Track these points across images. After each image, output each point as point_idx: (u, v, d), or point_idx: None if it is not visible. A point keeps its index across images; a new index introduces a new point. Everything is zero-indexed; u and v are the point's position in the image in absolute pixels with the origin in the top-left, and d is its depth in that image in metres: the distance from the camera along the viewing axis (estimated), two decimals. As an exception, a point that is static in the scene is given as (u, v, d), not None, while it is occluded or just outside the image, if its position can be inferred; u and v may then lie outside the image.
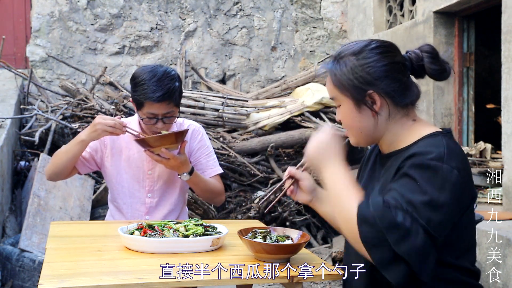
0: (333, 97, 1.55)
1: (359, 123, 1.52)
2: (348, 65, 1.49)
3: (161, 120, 2.27)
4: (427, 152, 1.39)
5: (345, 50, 1.52)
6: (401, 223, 1.30)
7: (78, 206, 4.29)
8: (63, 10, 6.06)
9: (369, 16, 5.98)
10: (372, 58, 1.47)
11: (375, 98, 1.48)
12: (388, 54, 1.50)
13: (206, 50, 6.38)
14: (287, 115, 5.37)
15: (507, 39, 3.91)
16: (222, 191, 2.51)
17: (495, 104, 4.87)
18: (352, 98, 1.49)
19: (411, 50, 1.55)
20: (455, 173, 1.37)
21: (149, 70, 2.26)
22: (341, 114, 1.55)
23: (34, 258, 3.64)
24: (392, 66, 1.48)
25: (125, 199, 2.42)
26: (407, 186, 1.36)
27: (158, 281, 1.46)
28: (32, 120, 5.11)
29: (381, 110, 1.50)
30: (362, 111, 1.50)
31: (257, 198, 4.88)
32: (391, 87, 1.48)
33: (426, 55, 1.53)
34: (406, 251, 1.29)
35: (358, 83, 1.47)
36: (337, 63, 1.51)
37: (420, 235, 1.31)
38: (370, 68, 1.47)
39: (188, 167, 2.29)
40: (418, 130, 1.52)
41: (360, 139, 1.56)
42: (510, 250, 3.05)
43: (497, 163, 4.17)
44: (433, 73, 1.55)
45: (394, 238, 1.30)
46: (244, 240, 1.69)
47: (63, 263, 1.64)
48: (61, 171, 2.35)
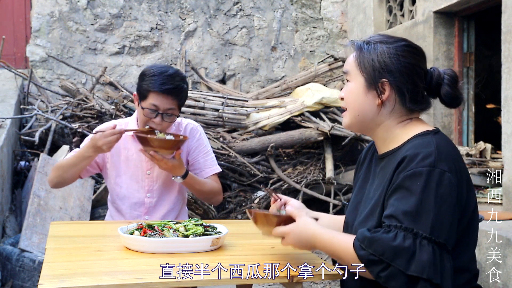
0: (347, 71, 1.57)
1: (360, 105, 1.53)
2: (377, 49, 1.52)
3: (161, 115, 2.28)
4: (417, 156, 1.40)
5: (377, 38, 1.56)
6: (402, 245, 1.32)
7: (78, 206, 4.29)
8: (63, 10, 6.06)
9: (369, 16, 5.98)
10: (400, 52, 1.50)
11: (386, 88, 1.50)
12: (416, 56, 1.53)
13: (206, 50, 6.38)
14: (287, 115, 5.37)
15: (507, 39, 3.91)
16: (219, 191, 2.51)
17: (495, 104, 4.87)
18: (366, 78, 1.51)
19: (436, 67, 1.57)
20: (447, 176, 1.38)
21: (161, 66, 2.32)
22: (348, 90, 1.57)
23: (34, 258, 3.64)
24: (415, 68, 1.51)
25: (124, 199, 2.42)
26: (404, 199, 1.38)
27: (158, 281, 1.46)
28: (32, 120, 5.11)
29: (386, 102, 1.51)
30: (369, 94, 1.52)
31: (257, 198, 4.88)
32: (405, 86, 1.50)
33: (447, 77, 1.54)
34: (418, 270, 1.31)
35: (378, 66, 1.50)
36: (367, 44, 1.54)
37: (425, 248, 1.32)
38: (395, 59, 1.49)
39: (182, 171, 2.30)
40: (409, 129, 1.52)
41: (354, 122, 1.58)
42: (510, 250, 3.05)
43: (497, 163, 4.17)
44: (447, 96, 1.55)
45: (402, 263, 1.32)
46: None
47: (63, 263, 1.64)
48: (66, 181, 2.40)
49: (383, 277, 1.34)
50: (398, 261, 1.32)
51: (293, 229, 1.56)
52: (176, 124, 2.47)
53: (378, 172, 1.56)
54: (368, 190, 1.58)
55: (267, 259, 1.68)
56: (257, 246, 1.98)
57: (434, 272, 1.31)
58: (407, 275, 1.31)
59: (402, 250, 1.32)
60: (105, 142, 2.21)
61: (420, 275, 1.30)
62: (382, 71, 1.49)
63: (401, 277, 1.32)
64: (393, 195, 1.41)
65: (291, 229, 1.56)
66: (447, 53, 4.81)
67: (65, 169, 2.34)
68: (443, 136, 1.51)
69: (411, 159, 1.40)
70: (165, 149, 2.22)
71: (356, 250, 1.39)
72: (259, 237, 2.15)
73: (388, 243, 1.33)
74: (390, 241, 1.33)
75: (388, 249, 1.33)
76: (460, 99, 1.56)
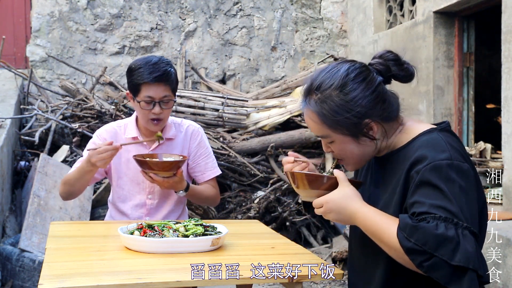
0: (323, 136, 1.50)
1: (359, 151, 1.50)
2: (336, 102, 1.44)
3: (158, 104, 2.28)
4: (432, 151, 1.38)
5: (322, 86, 1.46)
6: (446, 234, 1.28)
7: (78, 206, 4.29)
8: (63, 10, 6.06)
9: (369, 16, 5.98)
10: (359, 89, 1.44)
11: (372, 125, 1.46)
12: (368, 78, 1.47)
13: (206, 50, 6.38)
14: (287, 115, 5.37)
15: (507, 39, 3.91)
16: (217, 195, 2.52)
17: (495, 104, 4.87)
18: (349, 133, 1.46)
19: (376, 61, 1.51)
20: (466, 166, 1.38)
21: (144, 58, 2.33)
22: (337, 148, 1.51)
23: (34, 258, 3.64)
24: (377, 90, 1.46)
25: (125, 201, 2.42)
26: (430, 194, 1.34)
27: (158, 281, 1.46)
28: (32, 120, 5.11)
29: (377, 134, 1.49)
30: (361, 140, 1.48)
31: (257, 198, 4.88)
32: (383, 110, 1.47)
33: (392, 63, 1.51)
34: (464, 260, 1.27)
35: (355, 118, 1.44)
36: (319, 101, 1.46)
37: (468, 239, 1.29)
38: (361, 100, 1.44)
39: (183, 185, 2.31)
40: (411, 129, 1.51)
41: (361, 164, 1.55)
42: (510, 250, 3.05)
43: (497, 163, 4.17)
44: (402, 78, 1.53)
45: (447, 253, 1.28)
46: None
47: (63, 263, 1.64)
48: (76, 193, 2.41)
49: (426, 266, 1.30)
50: (442, 250, 1.28)
51: (335, 199, 1.45)
52: (177, 125, 2.47)
53: (382, 172, 1.55)
54: (373, 191, 1.57)
55: (267, 259, 1.68)
56: (257, 246, 1.98)
57: (478, 262, 1.29)
58: (452, 265, 1.27)
59: (446, 240, 1.27)
60: (99, 158, 2.19)
61: (467, 266, 1.27)
62: (360, 118, 1.44)
63: (446, 267, 1.28)
64: (416, 192, 1.37)
65: (331, 199, 1.45)
66: (447, 53, 4.81)
67: (71, 183, 2.35)
68: (449, 131, 1.50)
69: (426, 155, 1.38)
70: (165, 171, 2.22)
71: (400, 239, 1.33)
72: (259, 237, 2.16)
73: (431, 231, 1.28)
74: (433, 229, 1.29)
75: (431, 238, 1.28)
76: (413, 71, 1.53)
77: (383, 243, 1.39)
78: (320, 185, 1.49)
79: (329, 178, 1.49)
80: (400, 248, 1.32)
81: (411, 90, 4.93)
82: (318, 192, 1.49)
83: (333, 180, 1.48)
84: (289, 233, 4.90)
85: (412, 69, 1.54)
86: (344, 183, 1.47)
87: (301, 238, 5.09)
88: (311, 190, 1.51)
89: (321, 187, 1.49)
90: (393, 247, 1.35)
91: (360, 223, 1.43)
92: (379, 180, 1.56)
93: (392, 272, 1.47)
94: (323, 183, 1.49)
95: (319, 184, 1.49)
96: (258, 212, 4.79)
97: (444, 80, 4.83)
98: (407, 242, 1.31)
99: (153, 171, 2.21)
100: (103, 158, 2.19)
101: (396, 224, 1.35)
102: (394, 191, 1.46)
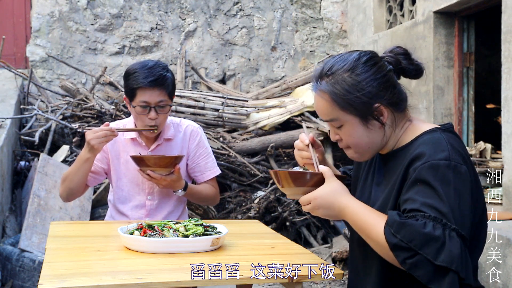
0: (333, 119, 1.50)
1: (368, 138, 1.49)
2: (348, 82, 1.45)
3: (154, 109, 2.27)
4: (431, 150, 1.39)
5: (334, 68, 1.47)
6: (432, 234, 1.28)
7: (78, 206, 4.29)
8: (63, 10, 6.06)
9: (369, 16, 5.98)
10: (370, 71, 1.46)
11: (382, 109, 1.47)
12: (379, 64, 1.49)
13: (206, 50, 6.38)
14: (287, 115, 5.37)
15: (507, 39, 3.91)
16: (216, 195, 2.52)
17: (495, 104, 4.87)
18: (360, 114, 1.46)
19: (387, 54, 1.53)
20: (464, 168, 1.37)
21: (140, 63, 2.32)
22: (346, 133, 1.50)
23: (34, 258, 3.64)
24: (388, 75, 1.48)
25: (125, 202, 2.42)
26: (424, 192, 1.34)
27: (158, 281, 1.46)
28: (32, 120, 5.11)
29: (387, 120, 1.49)
30: (370, 125, 1.48)
31: (257, 198, 4.88)
32: (393, 95, 1.48)
33: (402, 57, 1.53)
34: (447, 260, 1.27)
35: (366, 98, 1.44)
36: (331, 82, 1.47)
37: (454, 240, 1.29)
38: (372, 81, 1.45)
39: (182, 184, 2.31)
40: (416, 128, 1.52)
41: (367, 155, 1.54)
42: (510, 250, 3.05)
43: (497, 163, 4.17)
44: (411, 73, 1.55)
45: (431, 252, 1.28)
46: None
47: (63, 263, 1.64)
48: (75, 192, 2.37)
49: (409, 264, 1.30)
50: (427, 249, 1.28)
51: (323, 195, 1.45)
52: (176, 125, 2.47)
53: (384, 171, 1.55)
54: (374, 189, 1.57)
55: (267, 259, 1.68)
56: (257, 246, 1.98)
57: (461, 265, 1.28)
58: (434, 264, 1.27)
59: (432, 239, 1.28)
60: (94, 137, 2.19)
61: (449, 266, 1.27)
62: (370, 99, 1.45)
63: (428, 266, 1.28)
64: (411, 189, 1.37)
65: (319, 195, 1.45)
66: (447, 53, 4.81)
67: (70, 178, 2.33)
68: (452, 132, 1.50)
69: (425, 153, 1.38)
70: (162, 167, 2.22)
71: (386, 234, 1.33)
72: (259, 237, 2.15)
73: (418, 229, 1.29)
74: (420, 228, 1.29)
75: (417, 236, 1.29)
76: (422, 68, 1.56)
77: (370, 238, 1.39)
78: (305, 182, 1.49)
79: (313, 175, 1.49)
80: (386, 244, 1.33)
81: (411, 90, 4.93)
82: (304, 189, 1.49)
83: (318, 176, 1.48)
84: (289, 233, 4.90)
85: (421, 65, 1.55)
86: (331, 178, 1.47)
87: (301, 238, 5.09)
88: (296, 187, 1.50)
89: (306, 184, 1.48)
90: (380, 243, 1.35)
91: (349, 218, 1.43)
92: (380, 179, 1.56)
93: (391, 272, 1.47)
94: (308, 180, 1.48)
95: (304, 181, 1.49)
96: (258, 212, 4.78)
97: (444, 80, 4.83)
98: (393, 238, 1.31)
99: (149, 168, 2.21)
100: (98, 137, 2.20)
101: (384, 220, 1.36)
102: (393, 188, 1.46)
